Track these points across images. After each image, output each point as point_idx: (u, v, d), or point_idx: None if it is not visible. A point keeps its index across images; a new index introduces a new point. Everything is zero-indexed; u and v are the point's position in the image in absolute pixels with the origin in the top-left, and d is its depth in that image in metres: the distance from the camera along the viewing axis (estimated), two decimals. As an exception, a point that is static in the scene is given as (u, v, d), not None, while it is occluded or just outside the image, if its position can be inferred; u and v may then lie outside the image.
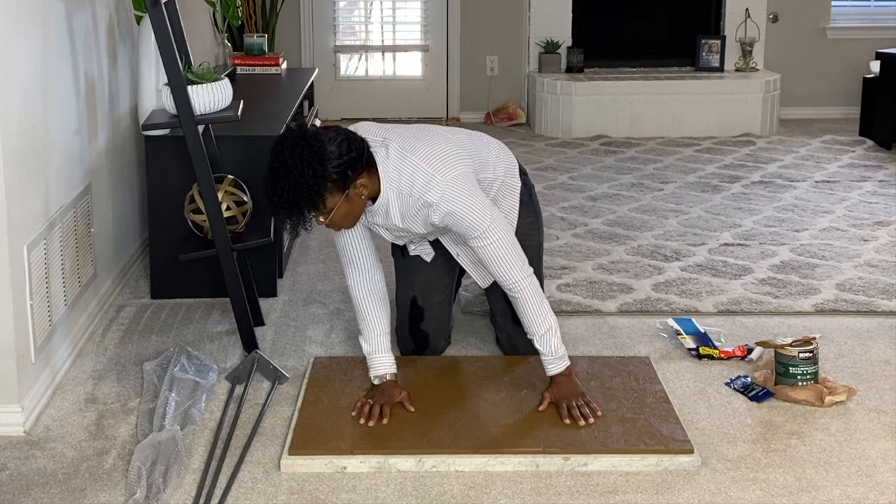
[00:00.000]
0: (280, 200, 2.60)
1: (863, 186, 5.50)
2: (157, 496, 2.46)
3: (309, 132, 2.65)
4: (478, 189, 2.83)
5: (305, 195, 2.59)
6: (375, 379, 2.93)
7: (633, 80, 6.92)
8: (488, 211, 2.79)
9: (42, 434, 2.81)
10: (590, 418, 2.78)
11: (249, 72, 5.76)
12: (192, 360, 3.16)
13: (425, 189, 2.75)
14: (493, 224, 2.78)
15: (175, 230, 3.68)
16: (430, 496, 2.51)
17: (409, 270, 3.24)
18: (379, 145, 2.78)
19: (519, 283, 2.82)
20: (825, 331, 3.54)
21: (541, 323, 2.83)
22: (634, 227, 4.75)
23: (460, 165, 2.81)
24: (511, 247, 2.82)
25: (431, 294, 3.23)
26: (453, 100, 7.49)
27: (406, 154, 2.77)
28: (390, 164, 2.76)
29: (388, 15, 7.50)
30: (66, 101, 3.33)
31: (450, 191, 2.75)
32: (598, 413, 2.81)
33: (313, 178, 2.57)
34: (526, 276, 2.83)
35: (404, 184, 2.76)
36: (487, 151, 3.06)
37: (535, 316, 2.83)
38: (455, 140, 2.93)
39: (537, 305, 2.84)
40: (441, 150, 2.81)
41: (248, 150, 3.82)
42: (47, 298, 3.05)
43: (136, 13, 3.99)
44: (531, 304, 2.83)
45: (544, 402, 2.86)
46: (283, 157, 2.59)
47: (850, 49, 7.47)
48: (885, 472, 2.63)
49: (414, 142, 2.81)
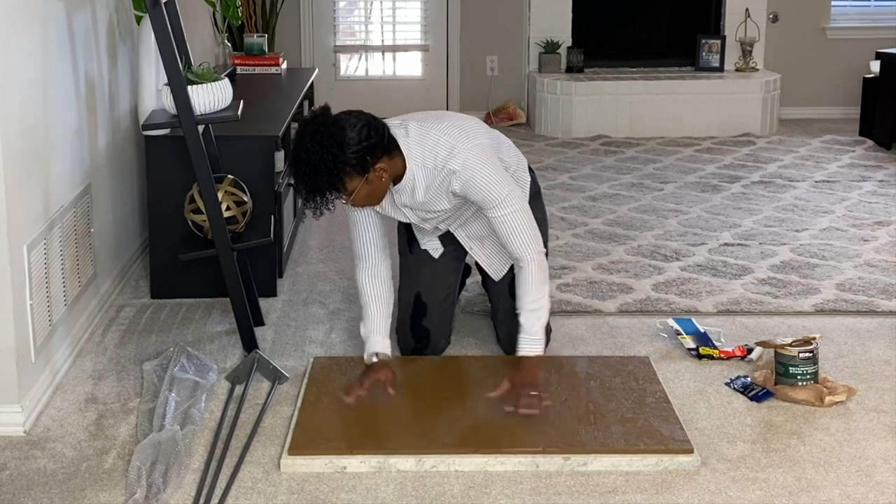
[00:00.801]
0: (302, 184, 2.72)
1: (863, 186, 5.50)
2: (157, 496, 2.46)
3: (330, 118, 2.74)
4: (497, 161, 2.93)
5: (326, 179, 2.69)
6: (368, 357, 2.98)
7: (633, 80, 6.92)
8: (507, 181, 2.89)
9: (42, 434, 2.81)
10: (533, 409, 2.76)
11: (249, 72, 5.77)
12: (192, 360, 3.16)
13: (448, 157, 2.84)
14: (510, 194, 2.86)
15: (175, 230, 3.68)
16: (430, 496, 2.51)
17: (416, 266, 3.25)
18: (398, 127, 2.89)
19: (531, 255, 2.88)
20: (825, 331, 3.54)
21: (534, 300, 2.88)
22: (634, 227, 4.75)
23: (480, 137, 2.92)
24: (527, 220, 2.90)
25: (436, 290, 3.24)
26: (453, 100, 7.49)
27: (427, 129, 2.88)
28: (412, 141, 2.87)
29: (388, 15, 7.50)
30: (66, 101, 3.33)
31: (471, 159, 2.84)
32: (541, 410, 2.77)
33: (333, 164, 2.67)
34: (538, 252, 2.90)
35: (428, 155, 2.86)
36: (500, 141, 3.14)
37: (533, 292, 2.88)
38: (473, 120, 3.04)
39: (539, 282, 2.89)
40: (460, 124, 2.93)
41: (248, 150, 3.82)
42: (47, 298, 3.06)
43: (136, 13, 4.00)
44: (534, 278, 2.89)
45: (502, 387, 2.84)
46: (305, 143, 2.70)
47: (850, 49, 7.46)
48: (885, 472, 2.63)
49: (433, 121, 2.93)
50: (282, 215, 4.02)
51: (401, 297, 3.28)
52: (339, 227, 4.79)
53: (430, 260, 3.24)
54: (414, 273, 3.26)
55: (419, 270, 3.25)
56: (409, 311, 3.25)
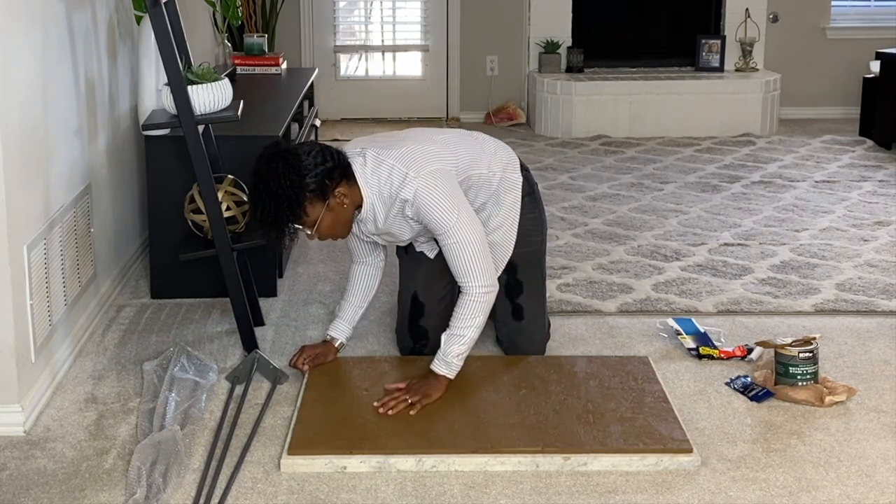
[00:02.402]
0: (263, 215, 2.72)
1: (863, 186, 5.50)
2: (157, 496, 2.46)
3: (283, 147, 2.78)
4: (453, 187, 2.89)
5: (286, 206, 2.70)
6: (324, 335, 3.19)
7: (633, 80, 6.92)
8: (458, 210, 2.84)
9: (42, 434, 2.81)
10: (393, 406, 2.81)
11: (249, 72, 5.76)
12: (192, 360, 3.16)
13: (401, 187, 2.82)
14: (459, 222, 2.83)
15: (175, 230, 3.68)
16: (430, 496, 2.51)
17: (412, 266, 3.25)
18: (357, 155, 2.88)
19: (472, 287, 2.87)
20: (825, 331, 3.54)
21: (461, 327, 2.88)
22: (634, 227, 4.75)
23: (436, 162, 2.87)
24: (475, 251, 2.86)
25: (433, 290, 3.24)
26: (453, 100, 7.49)
27: (382, 158, 2.86)
28: (368, 170, 2.85)
29: (388, 15, 7.50)
30: (66, 101, 3.33)
31: (422, 187, 2.81)
32: (409, 409, 2.81)
33: (291, 189, 2.69)
34: (481, 286, 2.88)
35: (383, 185, 2.85)
36: (482, 148, 3.10)
37: (461, 319, 2.89)
38: (437, 139, 3.00)
39: (470, 314, 2.88)
40: (417, 149, 2.89)
41: (248, 150, 3.79)
42: (47, 298, 3.06)
43: (136, 13, 4.00)
44: (468, 310, 2.88)
45: (394, 385, 2.91)
46: (261, 174, 2.73)
47: (850, 49, 7.47)
48: (885, 472, 2.63)
49: (391, 146, 2.90)
50: (282, 215, 4.02)
51: (400, 299, 3.29)
52: (339, 227, 4.79)
53: (427, 260, 3.23)
54: (411, 273, 3.26)
55: (415, 271, 3.25)
56: (407, 311, 3.25)
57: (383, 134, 3.08)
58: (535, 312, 3.25)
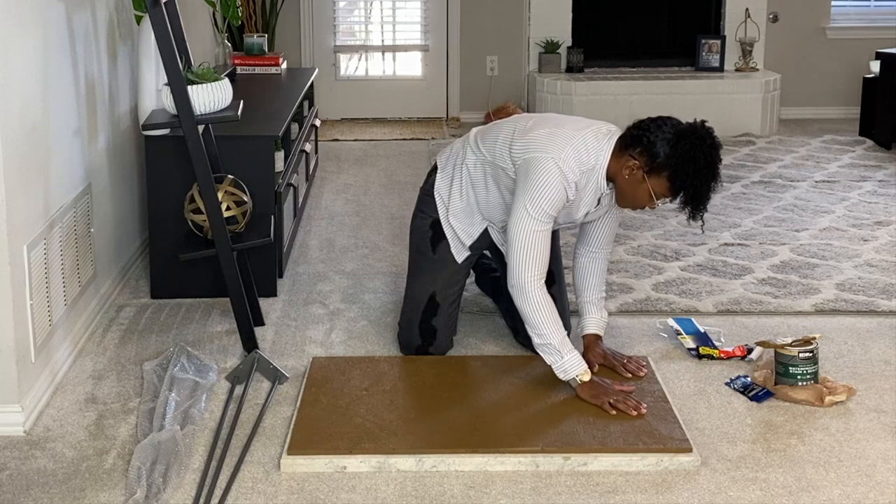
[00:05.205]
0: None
1: (863, 186, 5.50)
2: (157, 496, 2.46)
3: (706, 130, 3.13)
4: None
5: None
6: (575, 377, 2.94)
7: (633, 80, 6.92)
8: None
9: (42, 434, 2.81)
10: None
11: (249, 72, 5.77)
12: (192, 360, 3.16)
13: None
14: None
15: (175, 230, 3.68)
16: (430, 496, 2.51)
17: (436, 266, 3.26)
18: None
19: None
20: (825, 331, 3.54)
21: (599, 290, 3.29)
22: (634, 227, 4.75)
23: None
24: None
25: (450, 293, 3.27)
26: (453, 100, 7.49)
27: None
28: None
29: (388, 15, 7.50)
30: (66, 102, 3.33)
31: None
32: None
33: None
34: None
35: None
36: None
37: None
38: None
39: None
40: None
41: (248, 150, 3.82)
42: (47, 298, 3.06)
43: (136, 13, 3.99)
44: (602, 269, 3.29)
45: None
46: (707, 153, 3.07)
47: (850, 49, 7.47)
48: (885, 472, 2.63)
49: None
50: (282, 215, 4.02)
51: (412, 295, 3.29)
52: (338, 226, 4.79)
53: (452, 262, 3.26)
54: (433, 273, 3.27)
55: (440, 271, 3.26)
56: (420, 309, 3.25)
57: (536, 117, 3.24)
58: (563, 285, 3.44)
